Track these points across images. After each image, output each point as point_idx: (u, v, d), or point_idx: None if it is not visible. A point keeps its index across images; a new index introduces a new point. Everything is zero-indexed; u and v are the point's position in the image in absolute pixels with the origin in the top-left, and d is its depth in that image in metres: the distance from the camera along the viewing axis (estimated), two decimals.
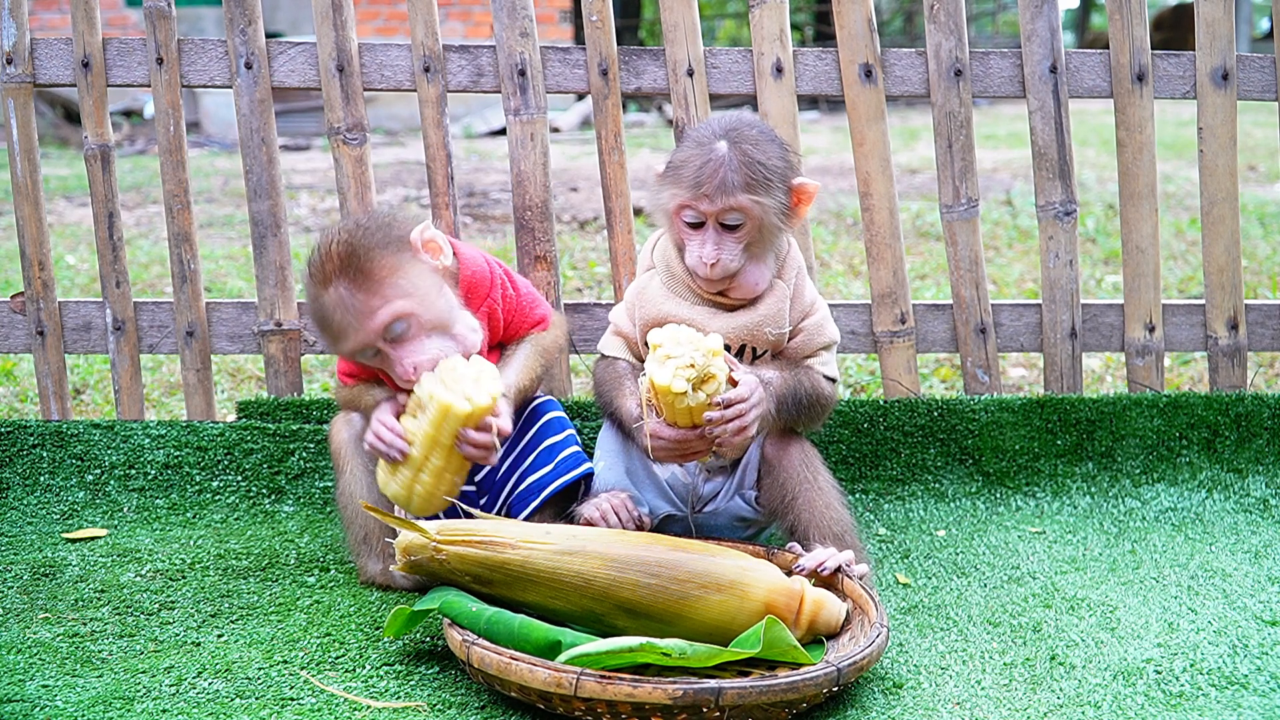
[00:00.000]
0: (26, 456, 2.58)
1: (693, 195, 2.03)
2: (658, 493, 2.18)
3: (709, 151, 2.03)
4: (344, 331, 2.01)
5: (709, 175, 2.02)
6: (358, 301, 1.99)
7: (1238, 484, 2.63)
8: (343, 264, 2.00)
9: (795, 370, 2.13)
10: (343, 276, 2.00)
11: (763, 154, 2.04)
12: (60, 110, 10.49)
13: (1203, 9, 2.68)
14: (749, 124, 2.09)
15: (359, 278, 2.00)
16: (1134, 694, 1.76)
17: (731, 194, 2.02)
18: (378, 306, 1.99)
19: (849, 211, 6.23)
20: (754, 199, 2.03)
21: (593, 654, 1.65)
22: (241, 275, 4.78)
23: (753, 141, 2.05)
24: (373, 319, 2.00)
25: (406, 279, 2.03)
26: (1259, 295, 4.31)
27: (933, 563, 2.29)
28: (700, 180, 2.02)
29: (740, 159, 2.02)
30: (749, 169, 2.02)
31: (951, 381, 3.59)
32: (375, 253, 2.02)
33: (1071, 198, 2.70)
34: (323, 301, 2.01)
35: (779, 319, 2.14)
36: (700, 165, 2.03)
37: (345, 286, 1.99)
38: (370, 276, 2.00)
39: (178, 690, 1.73)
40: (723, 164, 2.02)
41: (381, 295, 2.00)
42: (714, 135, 2.06)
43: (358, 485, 2.16)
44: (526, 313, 2.29)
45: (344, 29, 2.61)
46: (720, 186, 2.01)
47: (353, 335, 2.01)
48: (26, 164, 2.64)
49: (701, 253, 2.06)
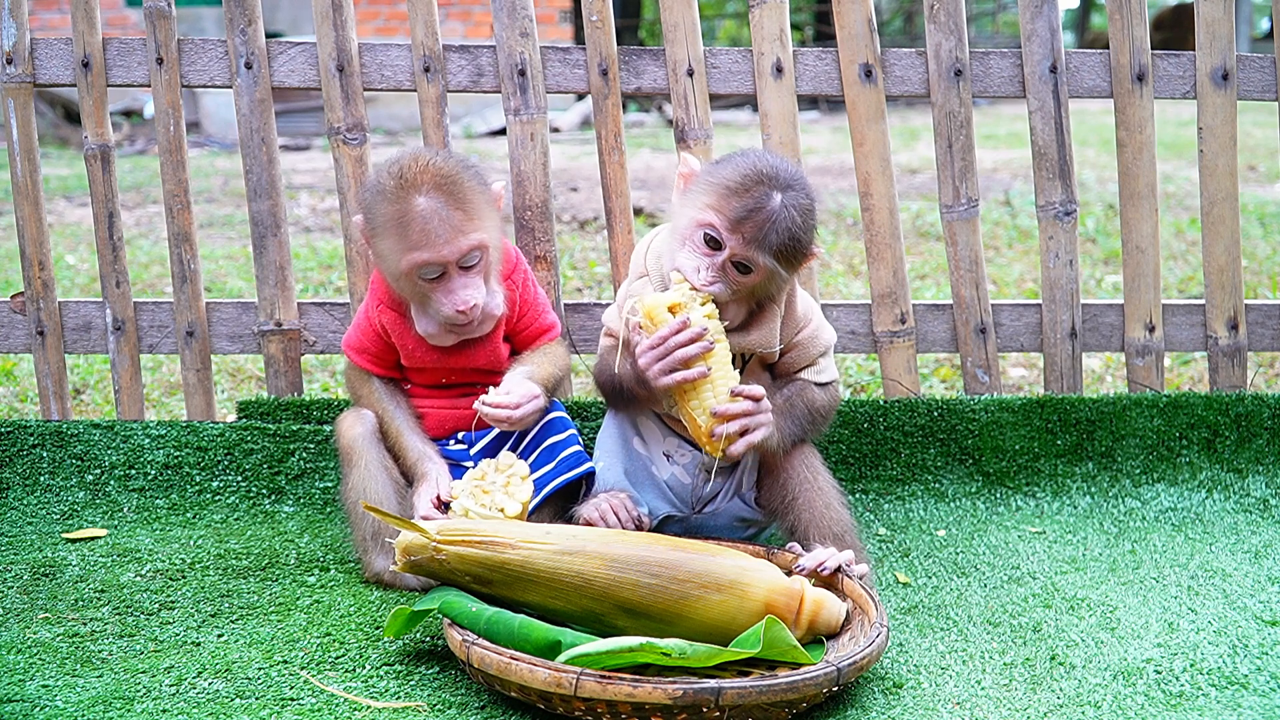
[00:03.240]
0: (26, 456, 2.58)
1: (730, 228, 2.00)
2: (657, 493, 2.18)
3: (764, 196, 2.00)
4: (427, 239, 2.05)
5: (755, 222, 1.99)
6: (453, 216, 2.06)
7: (1238, 484, 2.63)
8: (441, 178, 2.07)
9: (789, 397, 2.14)
10: (439, 190, 2.06)
11: (805, 227, 2.03)
12: (60, 110, 10.49)
13: (1203, 9, 2.68)
14: (802, 184, 2.05)
15: (456, 196, 2.08)
16: (1134, 694, 1.76)
17: (762, 251, 2.00)
18: (470, 229, 2.08)
19: (849, 211, 6.23)
20: (776, 266, 2.02)
21: (593, 654, 1.65)
22: (241, 275, 4.78)
23: (802, 211, 2.02)
24: (463, 238, 2.07)
25: (489, 216, 2.14)
26: (1259, 295, 4.32)
27: (933, 563, 2.29)
28: (744, 220, 1.99)
29: (788, 225, 1.99)
30: (788, 238, 2.00)
31: (951, 381, 3.59)
32: (472, 182, 2.12)
33: (1071, 198, 2.70)
34: (410, 205, 2.06)
35: (769, 339, 2.14)
36: (751, 207, 1.99)
37: (440, 199, 2.06)
38: (466, 199, 2.09)
39: (178, 690, 1.73)
40: (772, 217, 1.99)
41: (474, 220, 2.09)
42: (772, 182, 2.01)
43: (371, 481, 2.16)
44: (538, 313, 2.32)
45: (344, 29, 2.61)
46: (760, 238, 1.99)
47: (436, 245, 2.06)
48: (26, 164, 2.64)
49: (700, 267, 2.05)
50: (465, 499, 2.02)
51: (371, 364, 2.26)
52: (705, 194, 2.04)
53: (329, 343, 2.71)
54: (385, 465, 2.19)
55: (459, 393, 2.26)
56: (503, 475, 2.05)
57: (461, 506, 2.02)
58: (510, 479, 2.04)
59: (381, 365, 2.27)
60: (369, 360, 2.26)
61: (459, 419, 2.26)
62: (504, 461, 2.08)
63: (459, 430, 2.27)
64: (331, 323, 2.71)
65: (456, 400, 2.26)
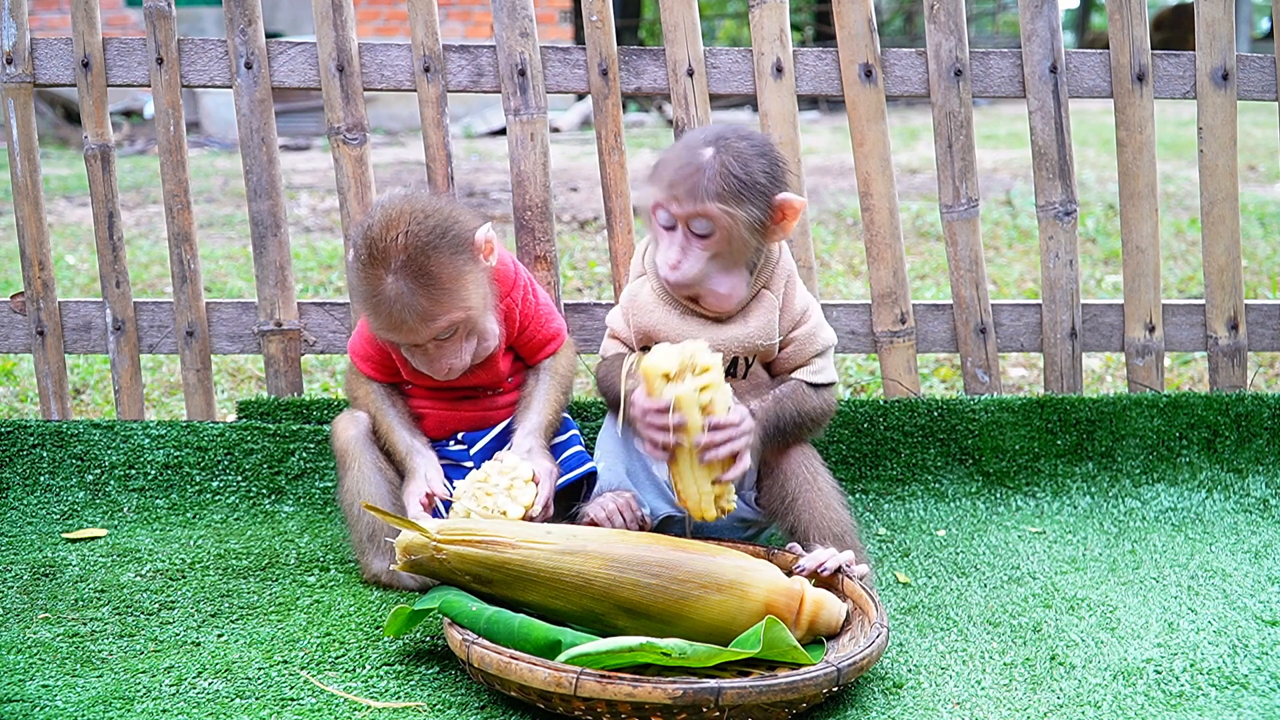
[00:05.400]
0: (26, 456, 2.58)
1: (665, 196, 2.01)
2: (658, 493, 2.18)
3: (692, 155, 2.01)
4: (397, 325, 1.99)
5: (684, 178, 1.99)
6: (420, 303, 1.96)
7: (1238, 484, 2.63)
8: (408, 259, 1.96)
9: (779, 397, 2.11)
10: (405, 273, 1.96)
11: (745, 166, 2.00)
12: (60, 110, 10.49)
13: (1203, 9, 2.68)
14: (743, 135, 2.05)
15: (423, 279, 1.96)
16: (1134, 694, 1.76)
17: (701, 200, 1.99)
18: (439, 314, 1.98)
19: (849, 211, 6.23)
20: (724, 209, 1.99)
21: (593, 654, 1.65)
22: (241, 275, 4.78)
23: (737, 153, 2.01)
24: (432, 324, 1.98)
25: (466, 287, 2.01)
26: (1259, 295, 4.32)
27: (933, 563, 2.29)
28: (675, 181, 2.00)
29: (720, 167, 1.99)
30: (725, 179, 1.98)
31: (951, 381, 3.59)
32: (443, 255, 1.98)
33: (1071, 198, 2.70)
34: (380, 290, 1.97)
35: (769, 331, 2.13)
36: (679, 167, 2.00)
37: (407, 284, 1.95)
38: (436, 281, 1.97)
39: (178, 690, 1.73)
40: (701, 170, 1.98)
41: (444, 303, 1.98)
42: (703, 141, 2.03)
43: (365, 483, 2.16)
44: (543, 323, 2.28)
45: (344, 29, 2.61)
46: (692, 191, 1.99)
47: (405, 332, 2.00)
48: (26, 164, 2.64)
49: (666, 255, 2.05)
50: (467, 500, 2.02)
51: (374, 371, 2.25)
52: (649, 181, 2.06)
53: (329, 343, 2.71)
54: (380, 466, 2.19)
55: (458, 395, 2.26)
56: (505, 478, 2.04)
57: (463, 508, 2.01)
58: (513, 482, 2.04)
59: (383, 373, 2.25)
60: (372, 367, 2.25)
61: (459, 420, 2.26)
62: (507, 464, 2.07)
63: (459, 431, 2.27)
64: (331, 323, 2.71)
65: (457, 403, 2.26)
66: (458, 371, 2.07)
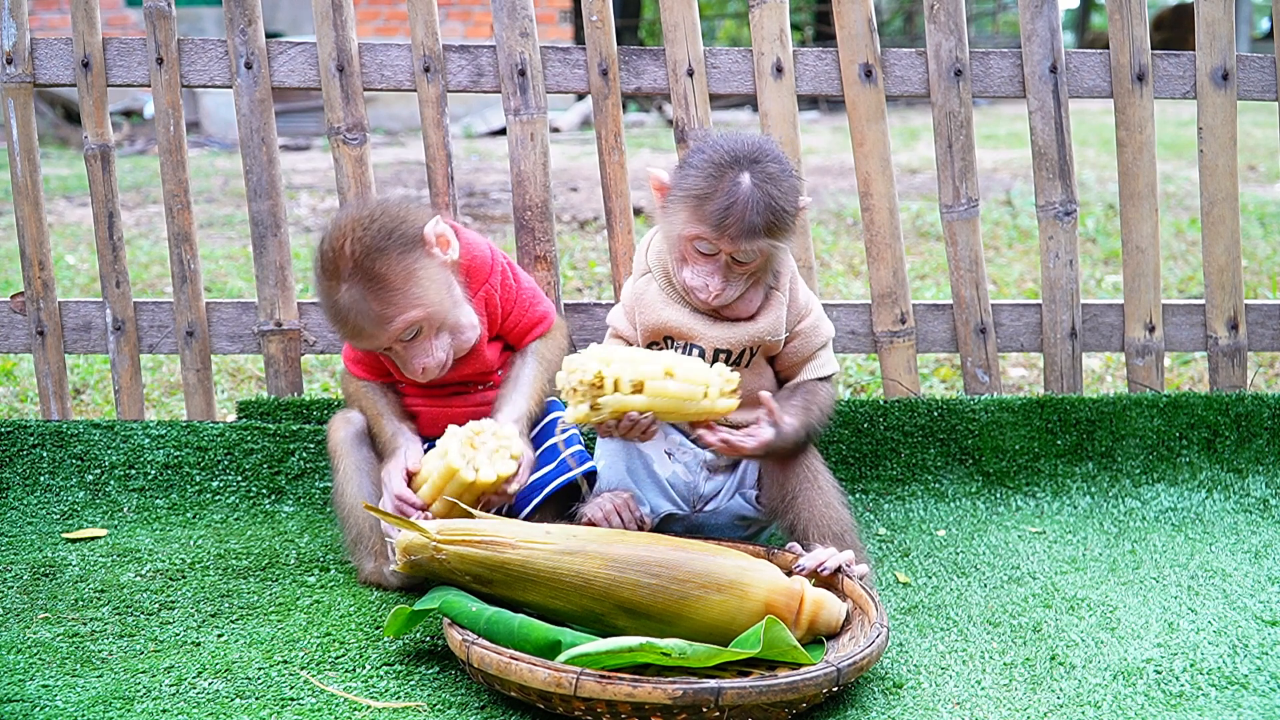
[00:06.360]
0: (26, 456, 2.58)
1: (714, 234, 2.01)
2: (658, 491, 2.18)
3: (733, 188, 2.00)
4: (358, 333, 2.03)
5: (735, 218, 1.99)
6: (372, 309, 1.99)
7: (1238, 484, 2.63)
8: (356, 266, 1.99)
9: (805, 405, 2.13)
10: (356, 279, 1.99)
11: (783, 193, 2.03)
12: (60, 110, 10.49)
13: (1203, 9, 2.68)
14: (767, 154, 2.05)
15: (373, 283, 1.98)
16: (1134, 694, 1.76)
17: (755, 238, 2.01)
18: (393, 316, 2.00)
19: (849, 211, 6.23)
20: (773, 243, 2.04)
21: (593, 654, 1.65)
22: (241, 275, 4.78)
23: (774, 179, 2.02)
24: (388, 326, 2.01)
25: (419, 285, 2.02)
26: (1259, 295, 4.31)
27: (933, 563, 2.29)
28: (724, 222, 2.00)
29: (765, 201, 2.00)
30: (772, 214, 2.01)
31: (951, 381, 3.59)
32: (390, 257, 2.00)
33: (1071, 198, 2.70)
34: (336, 301, 2.01)
35: (776, 327, 2.17)
36: (725, 205, 1.99)
37: (359, 290, 1.98)
38: (385, 283, 1.99)
39: (178, 690, 1.73)
40: (748, 207, 1.99)
41: (396, 304, 2.00)
42: (734, 164, 2.02)
43: (348, 484, 2.16)
44: (527, 307, 2.29)
45: (344, 29, 2.61)
46: (745, 231, 2.00)
47: (366, 338, 2.04)
48: (26, 164, 2.64)
49: (709, 281, 2.07)
50: (451, 440, 2.01)
51: (366, 373, 2.26)
52: (682, 208, 2.05)
53: (329, 343, 2.71)
54: (365, 467, 2.18)
55: (449, 390, 2.26)
56: (496, 441, 2.04)
57: (444, 445, 2.01)
58: (500, 448, 2.03)
59: (375, 374, 2.26)
60: (364, 370, 2.26)
61: (451, 418, 2.25)
62: (504, 431, 2.06)
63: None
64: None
65: (449, 400, 2.26)
66: (434, 371, 2.08)
